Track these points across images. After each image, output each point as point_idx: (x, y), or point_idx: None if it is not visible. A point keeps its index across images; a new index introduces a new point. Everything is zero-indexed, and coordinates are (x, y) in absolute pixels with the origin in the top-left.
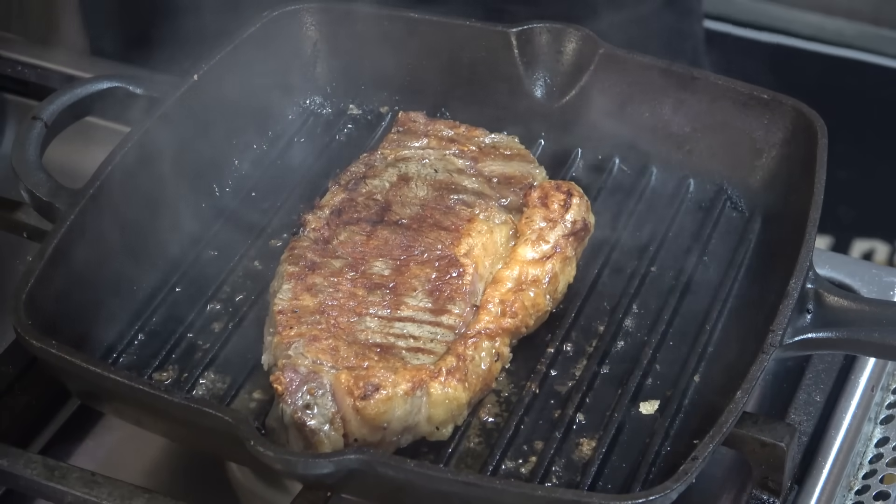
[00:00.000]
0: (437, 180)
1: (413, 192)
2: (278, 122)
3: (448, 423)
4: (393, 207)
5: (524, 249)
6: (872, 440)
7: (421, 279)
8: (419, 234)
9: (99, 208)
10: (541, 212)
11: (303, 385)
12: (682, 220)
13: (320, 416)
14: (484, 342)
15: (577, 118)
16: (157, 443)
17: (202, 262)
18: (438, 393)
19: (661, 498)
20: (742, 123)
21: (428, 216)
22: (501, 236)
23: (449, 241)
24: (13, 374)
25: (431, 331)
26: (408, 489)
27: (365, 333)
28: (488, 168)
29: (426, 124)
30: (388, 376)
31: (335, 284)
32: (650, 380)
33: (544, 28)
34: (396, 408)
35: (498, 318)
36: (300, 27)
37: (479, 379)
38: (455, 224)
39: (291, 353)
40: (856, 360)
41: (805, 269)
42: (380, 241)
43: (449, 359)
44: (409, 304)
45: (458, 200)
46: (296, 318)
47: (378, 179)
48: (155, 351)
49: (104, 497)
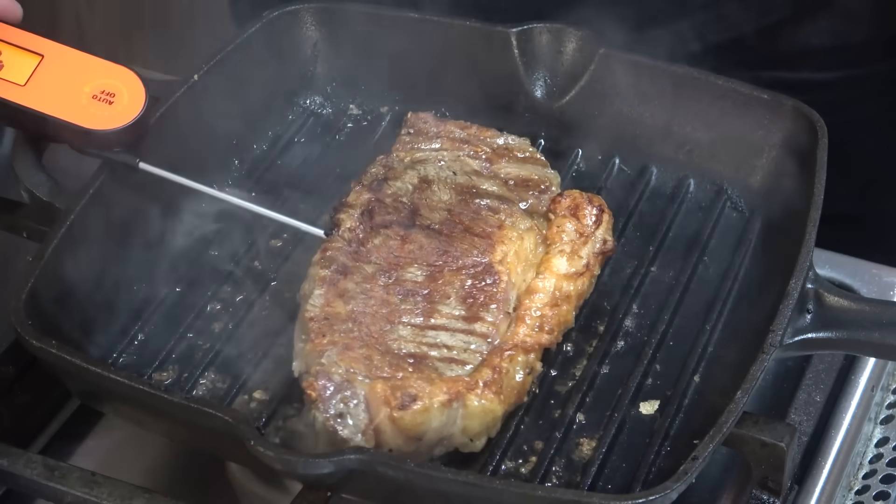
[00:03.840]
0: (458, 183)
1: (437, 195)
2: (278, 122)
3: (482, 435)
4: (421, 211)
5: (559, 261)
6: (872, 440)
7: (455, 286)
8: (452, 239)
9: (99, 208)
10: (572, 222)
11: (337, 393)
12: (682, 220)
13: (353, 426)
14: (520, 356)
15: (577, 118)
16: (157, 443)
17: (202, 262)
18: (475, 405)
19: (661, 498)
20: (742, 123)
21: (457, 222)
22: (530, 243)
23: (483, 247)
24: (13, 374)
25: (464, 340)
26: (408, 489)
27: (397, 343)
28: (503, 170)
29: (436, 125)
30: (425, 387)
31: (367, 291)
32: (650, 380)
33: (544, 28)
34: (433, 419)
35: (536, 333)
36: (300, 27)
37: (513, 391)
38: (485, 230)
39: (325, 361)
40: (856, 360)
41: (805, 269)
42: (415, 246)
43: (485, 371)
44: (443, 311)
45: (484, 205)
46: (328, 325)
47: (399, 181)
48: (155, 351)
49: (104, 497)
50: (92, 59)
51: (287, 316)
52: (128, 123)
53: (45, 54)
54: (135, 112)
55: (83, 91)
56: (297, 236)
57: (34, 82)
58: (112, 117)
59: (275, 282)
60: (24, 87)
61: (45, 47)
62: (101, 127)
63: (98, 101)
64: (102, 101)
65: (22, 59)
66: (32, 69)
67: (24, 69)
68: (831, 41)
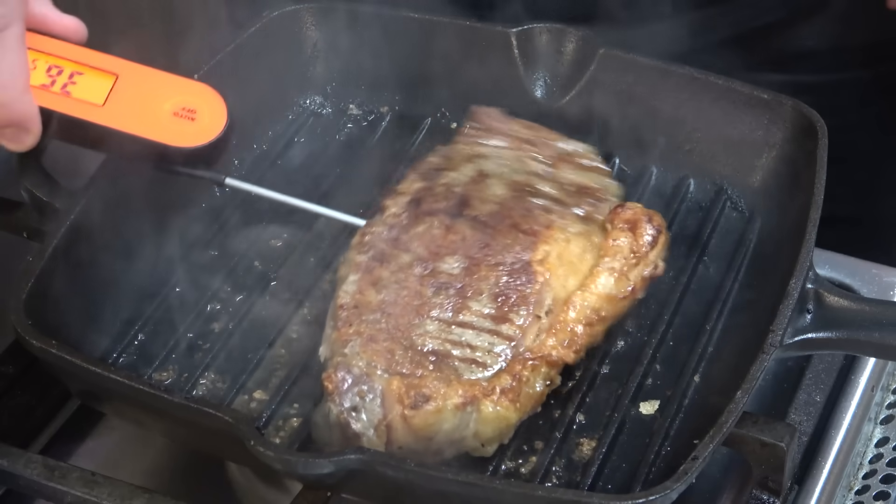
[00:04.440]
0: (515, 181)
1: (491, 189)
2: (278, 122)
3: (494, 441)
4: (472, 202)
5: (605, 280)
6: (872, 440)
7: (489, 282)
8: (497, 233)
9: (99, 208)
10: (627, 237)
11: (354, 387)
12: (682, 220)
13: (366, 421)
14: (543, 368)
15: (577, 118)
16: (157, 443)
17: (202, 262)
18: (489, 411)
19: (661, 498)
20: (742, 123)
21: (506, 216)
22: (578, 247)
23: (526, 244)
24: (13, 374)
25: (489, 341)
26: (408, 489)
27: (422, 338)
28: (564, 176)
29: (501, 121)
30: (441, 388)
31: (401, 281)
32: (650, 380)
33: (544, 28)
34: (445, 421)
35: (563, 350)
36: (300, 27)
37: (530, 401)
38: (533, 228)
39: (347, 351)
40: (856, 360)
41: (805, 269)
42: (458, 237)
43: (504, 377)
44: (472, 308)
45: (537, 204)
46: (356, 314)
47: (456, 172)
48: (155, 351)
49: (104, 497)
50: (168, 77)
51: (287, 316)
52: (214, 139)
53: (120, 73)
54: (218, 127)
55: (163, 108)
56: (297, 237)
57: (112, 101)
58: (195, 134)
59: (275, 282)
60: (103, 108)
61: (118, 66)
62: (186, 144)
63: (180, 118)
64: (184, 117)
65: (97, 79)
66: (109, 89)
67: (101, 89)
68: (827, 43)
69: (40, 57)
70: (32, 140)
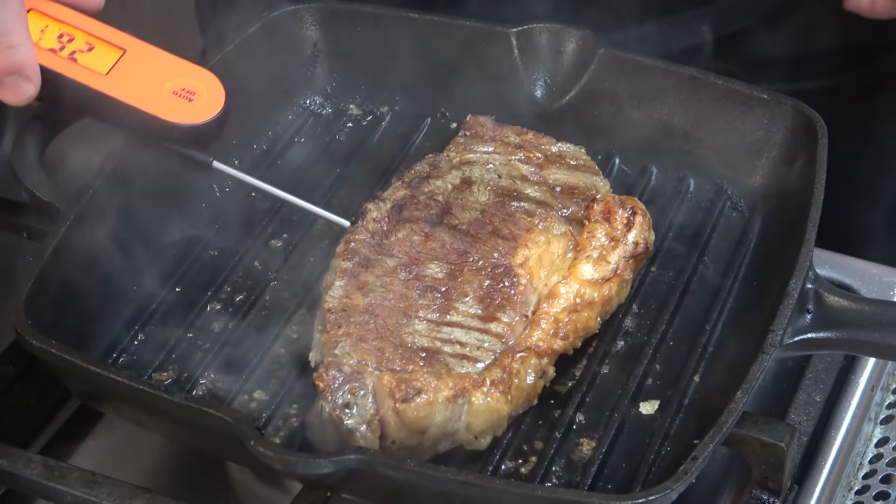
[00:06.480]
0: (500, 186)
1: (474, 196)
2: (278, 122)
3: (487, 433)
4: (453, 210)
5: (584, 267)
6: (872, 440)
7: (473, 285)
8: (476, 240)
9: (99, 208)
10: (603, 227)
11: (345, 384)
12: (683, 220)
13: (358, 417)
14: (532, 359)
15: (577, 118)
16: (157, 443)
17: (202, 262)
18: (480, 403)
19: (661, 498)
20: (742, 123)
21: (487, 223)
22: (559, 248)
23: (506, 249)
24: (13, 374)
25: (479, 338)
26: (408, 489)
27: (412, 336)
28: (552, 176)
29: (493, 129)
30: (431, 381)
31: (387, 284)
32: (650, 380)
33: (544, 28)
34: (436, 413)
35: (550, 338)
36: (300, 27)
37: (522, 393)
38: (513, 233)
39: (338, 352)
40: (856, 360)
41: (805, 269)
42: (437, 244)
43: (494, 370)
44: (459, 309)
45: (519, 208)
46: (345, 316)
47: (441, 180)
48: (155, 351)
49: (104, 497)
50: (173, 59)
51: (287, 316)
52: (208, 120)
53: (128, 49)
54: (214, 111)
55: (164, 86)
56: (297, 237)
57: (115, 73)
58: (192, 113)
59: (275, 282)
60: (105, 77)
61: (128, 42)
62: (181, 121)
63: (178, 97)
64: (183, 97)
65: (104, 51)
66: (115, 61)
67: (107, 60)
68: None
69: (52, 23)
70: (33, 91)
